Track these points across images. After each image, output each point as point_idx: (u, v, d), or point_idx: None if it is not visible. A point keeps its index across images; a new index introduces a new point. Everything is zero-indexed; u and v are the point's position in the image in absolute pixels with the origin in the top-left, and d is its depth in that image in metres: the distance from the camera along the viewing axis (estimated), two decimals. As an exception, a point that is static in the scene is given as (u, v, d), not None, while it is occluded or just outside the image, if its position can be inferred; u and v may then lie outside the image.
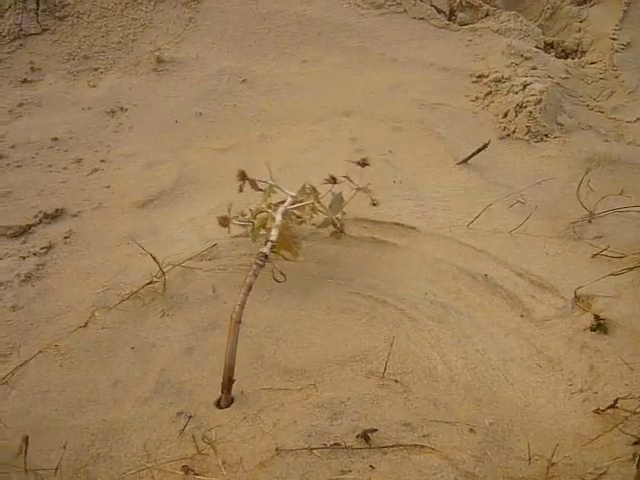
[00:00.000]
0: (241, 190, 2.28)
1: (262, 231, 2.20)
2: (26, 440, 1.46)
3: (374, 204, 2.37)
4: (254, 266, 1.93)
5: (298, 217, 2.30)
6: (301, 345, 2.03)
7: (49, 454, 1.68)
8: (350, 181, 2.32)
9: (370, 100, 3.41)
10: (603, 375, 1.86)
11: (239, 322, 1.81)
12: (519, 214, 2.58)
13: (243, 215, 2.27)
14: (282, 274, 2.11)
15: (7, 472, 1.59)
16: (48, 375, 1.95)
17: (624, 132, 3.31)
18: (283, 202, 2.22)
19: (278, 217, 2.12)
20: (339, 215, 2.35)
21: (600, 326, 1.97)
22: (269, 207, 2.22)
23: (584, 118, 3.37)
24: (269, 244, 2.01)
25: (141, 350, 2.03)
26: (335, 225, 2.32)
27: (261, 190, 2.32)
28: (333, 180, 2.27)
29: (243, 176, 2.27)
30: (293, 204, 2.23)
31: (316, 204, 2.27)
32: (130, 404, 1.85)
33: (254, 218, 2.22)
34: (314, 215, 2.31)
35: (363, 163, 2.37)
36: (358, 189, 2.35)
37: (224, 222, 2.21)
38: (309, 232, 2.43)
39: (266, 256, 1.97)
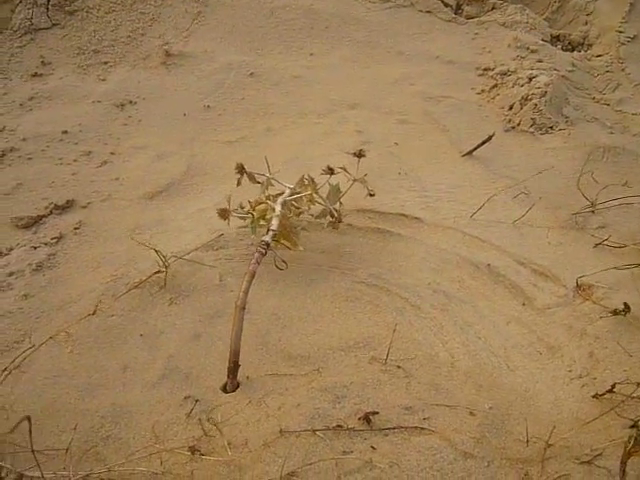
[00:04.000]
0: (239, 183, 2.31)
1: (262, 222, 2.25)
2: (28, 419, 1.49)
3: (371, 195, 2.39)
4: (256, 254, 1.97)
5: (297, 208, 2.34)
6: (306, 332, 2.07)
7: (60, 436, 1.73)
8: (347, 172, 2.34)
9: (376, 93, 3.44)
10: (602, 361, 1.89)
11: (243, 308, 1.85)
12: (523, 205, 2.61)
13: (242, 208, 2.31)
14: (284, 262, 2.16)
15: (16, 452, 1.63)
16: (59, 361, 2.00)
17: (629, 124, 3.32)
18: (282, 194, 2.26)
19: (278, 207, 2.16)
20: (337, 205, 2.38)
21: (621, 312, 1.98)
22: (268, 199, 2.26)
23: (589, 110, 3.39)
24: (270, 233, 2.06)
25: (150, 337, 2.08)
26: (333, 215, 2.36)
27: (259, 183, 2.35)
28: (330, 171, 2.30)
29: (241, 169, 2.31)
30: (291, 195, 2.27)
31: (314, 195, 2.31)
32: (139, 388, 1.90)
33: (253, 210, 2.26)
34: (312, 206, 2.34)
35: (359, 154, 2.40)
36: (355, 180, 2.38)
37: (224, 214, 2.24)
38: (310, 223, 2.46)
39: (268, 244, 2.02)
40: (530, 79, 3.36)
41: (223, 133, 3.17)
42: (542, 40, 3.89)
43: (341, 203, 2.40)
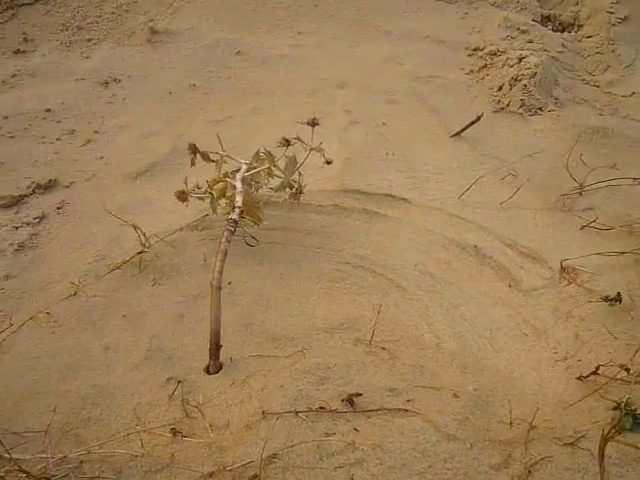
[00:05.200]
0: (193, 164, 2.26)
1: (223, 200, 2.21)
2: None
3: (328, 162, 2.34)
4: (225, 232, 1.95)
5: (256, 182, 2.30)
6: (290, 313, 2.05)
7: (40, 417, 1.71)
8: (302, 142, 2.30)
9: (365, 72, 3.40)
10: (587, 343, 1.88)
11: (219, 288, 1.82)
12: (511, 186, 2.59)
13: (199, 188, 2.28)
14: (254, 238, 2.16)
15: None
16: (40, 342, 1.97)
17: (619, 106, 3.31)
18: (239, 170, 2.22)
19: (238, 184, 2.12)
20: (296, 177, 2.35)
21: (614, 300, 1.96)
22: (226, 176, 2.22)
23: (579, 92, 3.36)
24: (237, 210, 2.03)
25: (132, 317, 2.05)
26: (292, 187, 2.32)
27: (213, 162, 2.31)
28: (287, 142, 2.26)
29: (194, 149, 2.25)
30: (249, 171, 2.23)
31: (272, 168, 2.27)
32: (121, 370, 1.88)
33: (211, 189, 2.22)
34: (270, 179, 2.31)
35: (313, 123, 2.35)
36: (311, 149, 2.33)
37: (182, 196, 2.20)
38: (301, 204, 2.44)
39: (236, 222, 2.00)
40: (520, 60, 3.32)
41: (209, 112, 3.12)
42: (532, 20, 3.85)
43: (300, 174, 2.35)
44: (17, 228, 2.42)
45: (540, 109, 3.17)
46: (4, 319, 2.05)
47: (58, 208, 2.53)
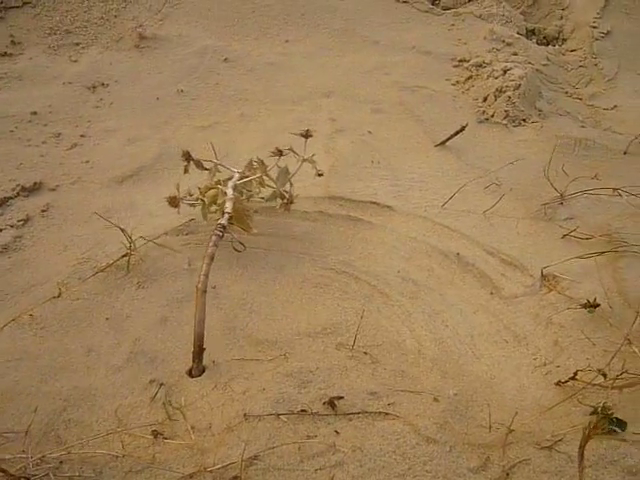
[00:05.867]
0: (186, 171, 2.28)
1: (214, 207, 2.23)
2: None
3: (319, 174, 2.39)
4: (213, 237, 1.97)
5: (248, 191, 2.33)
6: (274, 317, 2.06)
7: (20, 418, 1.70)
8: (295, 153, 2.33)
9: (351, 81, 3.43)
10: (566, 349, 1.91)
11: (205, 291, 1.84)
12: (493, 195, 2.63)
13: (190, 195, 2.29)
14: (241, 243, 2.18)
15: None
16: (22, 343, 1.96)
17: (601, 119, 3.36)
18: (231, 178, 2.24)
19: (230, 191, 2.14)
20: (287, 187, 2.37)
21: (592, 306, 1.99)
22: (218, 184, 2.24)
23: (562, 104, 3.42)
24: (226, 215, 2.05)
25: (116, 320, 2.06)
26: (283, 197, 2.35)
27: (207, 169, 2.33)
28: (279, 152, 2.29)
29: (188, 157, 2.27)
30: (241, 179, 2.25)
31: (264, 177, 2.29)
32: (103, 372, 1.88)
33: (203, 196, 2.24)
34: (262, 189, 2.33)
35: (307, 135, 2.38)
36: (304, 160, 2.36)
37: (173, 202, 2.23)
38: (294, 211, 2.45)
39: (224, 227, 2.01)
40: (505, 72, 3.37)
41: (196, 118, 3.14)
42: (517, 33, 3.91)
43: (291, 184, 2.38)
44: (1, 230, 2.42)
45: (524, 120, 3.21)
46: (-14, 321, 2.05)
47: (43, 211, 2.53)
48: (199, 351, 1.82)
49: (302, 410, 1.65)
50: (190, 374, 1.86)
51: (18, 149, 2.84)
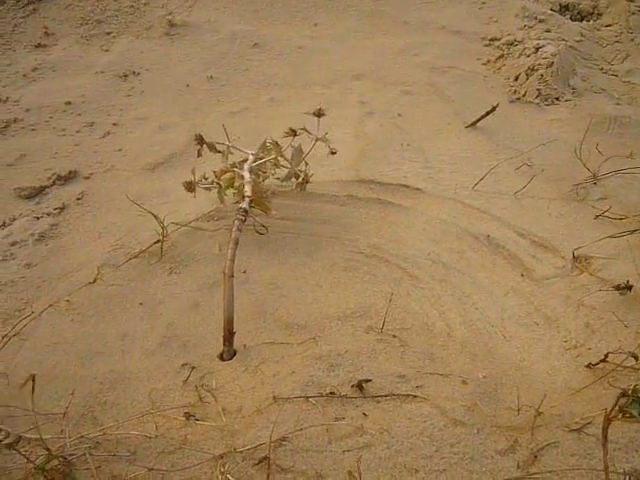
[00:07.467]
0: (200, 154, 2.29)
1: (231, 190, 2.24)
2: (33, 378, 1.53)
3: (333, 153, 2.36)
4: (236, 222, 1.99)
5: (264, 173, 2.33)
6: (303, 301, 2.08)
7: (59, 400, 1.76)
8: (308, 132, 2.32)
9: (381, 64, 3.41)
10: (597, 332, 1.88)
11: (232, 276, 1.86)
12: (525, 176, 2.59)
13: (206, 179, 2.31)
14: (263, 226, 2.22)
15: (15, 416, 1.67)
16: (59, 328, 2.02)
17: (637, 96, 3.28)
18: (246, 160, 2.25)
19: (247, 174, 2.15)
20: (302, 167, 2.37)
21: (624, 288, 1.96)
22: (233, 166, 2.25)
23: (597, 81, 3.34)
24: (247, 199, 2.06)
25: (149, 305, 2.10)
26: (298, 177, 2.35)
27: (220, 152, 2.34)
28: (293, 132, 2.28)
29: (200, 140, 2.28)
30: (256, 161, 2.26)
31: (278, 158, 2.30)
32: (137, 356, 1.92)
33: (218, 180, 2.25)
34: (277, 169, 2.35)
35: (319, 114, 2.37)
36: (317, 139, 2.35)
37: (189, 187, 2.24)
38: (312, 194, 2.46)
39: (246, 211, 2.03)
40: (537, 49, 3.31)
41: (226, 104, 3.16)
42: (550, 9, 3.83)
43: (307, 164, 2.38)
44: (38, 218, 2.48)
45: (557, 99, 3.15)
46: (25, 306, 2.11)
47: (78, 199, 2.59)
48: (229, 335, 1.85)
49: (331, 393, 1.67)
50: (221, 358, 1.89)
51: (53, 139, 2.90)
